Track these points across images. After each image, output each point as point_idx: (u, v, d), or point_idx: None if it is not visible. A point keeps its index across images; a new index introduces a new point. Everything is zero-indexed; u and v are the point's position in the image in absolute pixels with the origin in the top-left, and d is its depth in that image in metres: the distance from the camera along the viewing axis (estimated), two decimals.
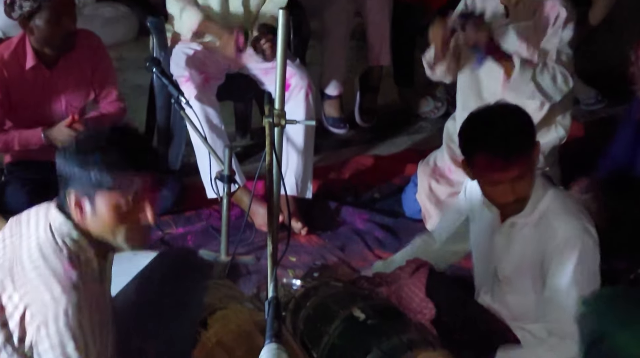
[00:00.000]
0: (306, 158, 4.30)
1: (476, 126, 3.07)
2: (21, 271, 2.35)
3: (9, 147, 3.93)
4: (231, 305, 2.99)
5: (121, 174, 2.38)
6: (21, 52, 3.88)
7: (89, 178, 2.36)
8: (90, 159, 2.36)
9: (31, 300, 2.30)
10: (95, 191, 2.37)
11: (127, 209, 2.41)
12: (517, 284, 3.13)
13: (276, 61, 2.68)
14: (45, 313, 2.28)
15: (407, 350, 2.86)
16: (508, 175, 2.96)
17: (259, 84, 4.48)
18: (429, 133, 5.24)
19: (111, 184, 2.37)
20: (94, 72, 4.07)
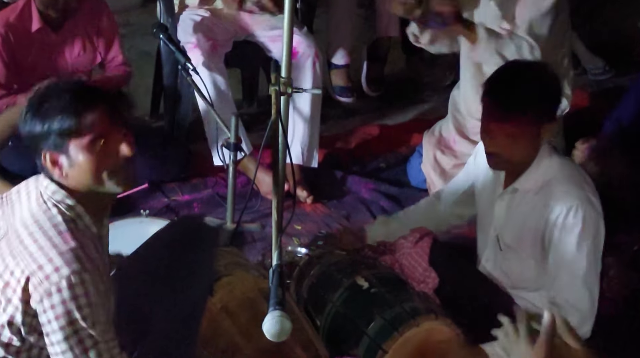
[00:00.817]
0: (312, 126, 4.30)
1: (501, 71, 3.10)
2: (19, 244, 2.33)
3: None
4: (236, 272, 3.00)
5: (81, 113, 2.37)
6: (27, 14, 3.88)
7: (54, 130, 2.35)
8: (50, 111, 2.36)
9: (32, 271, 2.28)
10: (65, 142, 2.36)
11: (102, 148, 2.39)
12: (518, 252, 3.14)
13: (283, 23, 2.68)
14: (47, 284, 2.26)
15: (410, 318, 2.87)
16: (503, 128, 2.97)
17: (266, 51, 4.47)
18: (436, 103, 5.23)
19: (75, 127, 2.35)
20: (99, 36, 4.07)
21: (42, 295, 2.27)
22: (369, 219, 4.14)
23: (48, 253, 2.29)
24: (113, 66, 4.13)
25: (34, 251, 2.31)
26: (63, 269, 2.27)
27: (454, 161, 4.19)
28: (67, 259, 2.28)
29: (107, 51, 4.11)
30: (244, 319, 2.85)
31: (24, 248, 2.32)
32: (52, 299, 2.27)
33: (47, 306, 2.27)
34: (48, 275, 2.27)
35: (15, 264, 2.32)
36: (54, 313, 2.28)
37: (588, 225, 2.97)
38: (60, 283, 2.26)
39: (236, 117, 3.79)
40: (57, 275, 2.27)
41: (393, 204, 4.26)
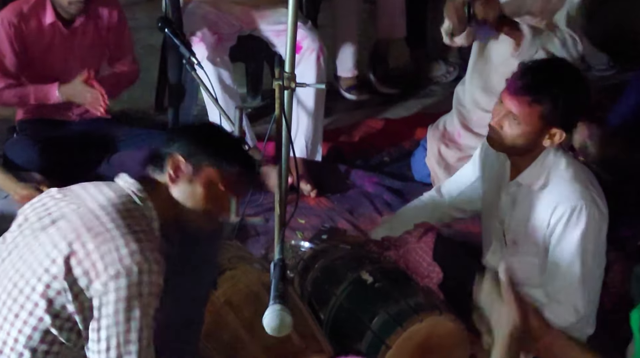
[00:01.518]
0: (316, 120, 4.30)
1: (553, 60, 3.17)
2: (96, 221, 2.34)
3: (25, 101, 3.94)
4: (240, 266, 3.01)
5: (236, 165, 2.51)
6: (41, 7, 3.88)
7: (210, 152, 2.47)
8: (221, 142, 2.52)
9: (108, 250, 2.28)
10: (204, 164, 2.46)
11: (219, 194, 2.50)
12: (521, 248, 3.14)
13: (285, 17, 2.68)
14: (119, 265, 2.26)
15: (414, 313, 2.88)
16: (513, 103, 2.97)
17: (270, 45, 4.47)
18: (440, 97, 5.23)
19: (225, 167, 2.48)
20: (109, 32, 4.07)
21: (112, 275, 2.27)
22: (372, 213, 4.15)
23: (125, 237, 2.31)
24: (121, 63, 4.14)
25: (111, 230, 2.32)
26: (137, 255, 2.29)
27: (459, 155, 4.19)
28: (142, 247, 2.31)
29: (116, 48, 4.11)
30: (248, 313, 2.86)
31: (101, 224, 2.33)
32: (119, 281, 2.27)
33: (112, 287, 2.27)
34: (122, 257, 2.28)
35: (90, 237, 2.31)
36: (116, 295, 2.27)
37: (591, 225, 2.96)
38: (132, 268, 2.27)
39: (240, 111, 3.78)
40: (130, 258, 2.28)
41: (397, 198, 4.26)
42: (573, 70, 3.06)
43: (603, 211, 2.99)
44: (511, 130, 3.01)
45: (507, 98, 3.01)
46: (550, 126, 2.98)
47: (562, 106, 2.95)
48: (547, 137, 3.00)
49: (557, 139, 3.01)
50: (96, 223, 2.33)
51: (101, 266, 2.28)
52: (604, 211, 2.99)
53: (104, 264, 2.28)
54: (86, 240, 2.31)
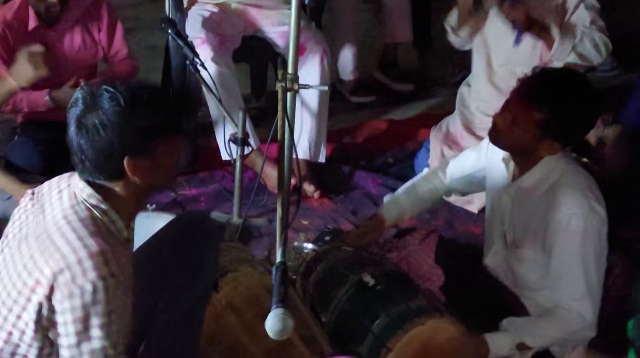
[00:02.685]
0: (320, 122, 4.31)
1: (568, 70, 3.18)
2: (50, 243, 2.29)
3: (19, 109, 3.92)
4: (242, 268, 3.01)
5: (170, 112, 2.38)
6: (24, 13, 3.86)
7: (150, 131, 2.30)
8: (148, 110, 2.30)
9: (60, 270, 2.23)
10: (153, 144, 2.32)
11: (179, 153, 2.44)
12: (522, 252, 3.13)
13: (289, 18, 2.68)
14: (72, 286, 2.22)
15: (415, 316, 2.87)
16: (515, 103, 2.98)
17: (274, 47, 4.47)
18: (444, 98, 5.23)
19: (168, 126, 2.36)
20: (99, 29, 4.05)
21: (65, 295, 2.23)
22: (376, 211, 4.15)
23: (78, 253, 2.24)
24: (118, 59, 4.11)
25: (62, 248, 2.26)
26: (90, 273, 2.22)
27: None
28: (96, 262, 2.23)
29: (109, 45, 4.09)
30: (249, 315, 2.86)
31: (54, 246, 2.28)
32: (74, 301, 2.23)
33: (67, 307, 2.24)
34: (74, 276, 2.22)
35: (44, 262, 2.26)
36: (73, 316, 2.24)
37: (590, 231, 2.94)
38: (85, 287, 2.22)
39: (243, 112, 3.80)
40: (83, 277, 2.22)
41: None
42: (586, 88, 3.01)
43: (601, 218, 2.97)
44: (510, 130, 3.01)
45: (514, 98, 3.02)
46: (547, 137, 2.97)
47: (561, 121, 2.94)
48: (544, 147, 3.00)
49: (553, 151, 3.01)
50: (49, 246, 2.28)
51: (56, 287, 2.24)
52: (603, 217, 2.97)
53: (58, 285, 2.24)
54: (42, 265, 2.27)
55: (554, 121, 2.93)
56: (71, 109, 2.32)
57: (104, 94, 2.28)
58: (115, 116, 2.26)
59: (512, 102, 3.01)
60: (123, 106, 2.26)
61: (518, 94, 3.00)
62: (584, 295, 2.95)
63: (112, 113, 2.26)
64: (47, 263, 2.26)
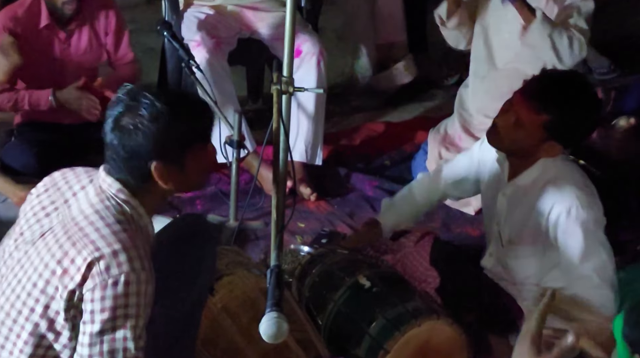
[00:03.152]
0: (317, 124, 4.30)
1: (571, 73, 3.16)
2: (79, 232, 2.32)
3: (20, 106, 3.92)
4: (238, 271, 3.00)
5: (203, 120, 2.43)
6: (36, 10, 3.88)
7: (182, 140, 2.36)
8: (182, 119, 2.35)
9: (95, 259, 2.25)
10: (187, 152, 2.38)
11: (206, 159, 2.47)
12: (519, 249, 3.13)
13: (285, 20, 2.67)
14: (106, 275, 2.25)
15: (412, 318, 2.88)
16: (517, 104, 2.98)
17: (270, 49, 4.46)
18: (441, 101, 5.23)
19: (201, 133, 2.41)
20: (107, 33, 4.07)
21: (97, 284, 2.25)
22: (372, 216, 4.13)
23: (113, 246, 2.28)
24: (122, 63, 4.13)
25: (97, 240, 2.29)
26: (125, 265, 2.26)
27: None
28: (130, 256, 2.27)
29: (116, 49, 4.11)
30: (245, 319, 2.86)
31: (87, 238, 2.30)
32: (106, 291, 2.25)
33: (98, 296, 2.26)
34: (109, 267, 2.25)
35: (76, 251, 2.28)
36: (102, 305, 2.26)
37: (590, 223, 2.95)
38: (119, 278, 2.25)
39: (239, 114, 3.79)
40: (118, 269, 2.25)
41: None
42: (591, 93, 3.03)
43: (600, 207, 2.99)
44: (513, 132, 3.01)
45: (518, 99, 3.01)
46: (551, 138, 2.97)
47: (567, 122, 2.95)
48: (545, 148, 3.00)
49: (554, 153, 3.01)
50: (81, 236, 2.31)
51: (90, 277, 2.26)
52: (600, 208, 2.99)
53: (91, 274, 2.26)
54: (74, 255, 2.29)
55: (561, 123, 2.94)
56: (111, 108, 2.37)
57: (144, 99, 2.33)
58: (152, 122, 2.32)
59: (515, 104, 3.01)
60: (161, 114, 2.32)
61: (522, 95, 3.00)
62: (599, 283, 2.92)
63: (149, 119, 2.32)
64: (79, 252, 2.28)
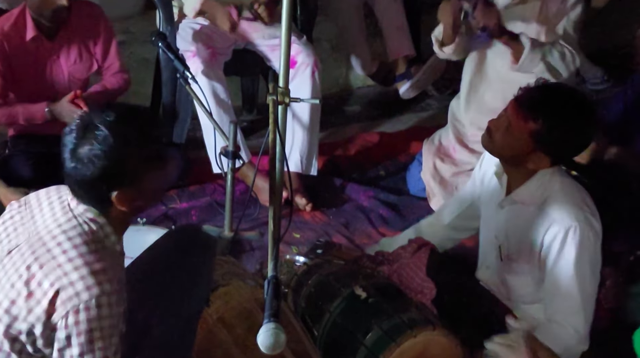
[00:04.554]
0: (312, 135, 4.30)
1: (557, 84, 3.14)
2: (47, 253, 2.32)
3: (14, 121, 3.91)
4: (233, 282, 3.00)
5: (161, 146, 2.43)
6: (22, 23, 3.85)
7: (137, 167, 2.35)
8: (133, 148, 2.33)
9: (63, 286, 2.27)
10: (144, 174, 2.37)
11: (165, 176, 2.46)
12: (517, 265, 3.13)
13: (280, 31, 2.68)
14: (77, 301, 2.26)
15: (408, 329, 2.87)
16: (511, 111, 2.99)
17: (265, 60, 4.47)
18: (435, 111, 5.25)
19: (158, 156, 2.40)
20: (95, 43, 4.04)
21: (69, 310, 2.26)
22: (368, 227, 4.14)
23: (81, 270, 2.29)
24: (110, 73, 4.10)
25: (64, 264, 2.30)
26: (94, 289, 2.27)
27: (454, 170, 4.20)
28: (99, 280, 2.28)
29: (104, 58, 4.08)
30: (241, 330, 2.85)
31: (53, 259, 2.31)
32: (79, 316, 2.27)
33: (71, 322, 2.27)
34: (79, 292, 2.26)
35: (43, 275, 2.30)
36: (77, 330, 2.28)
37: (585, 246, 2.95)
38: (90, 303, 2.26)
39: (234, 125, 3.79)
40: (88, 293, 2.26)
41: (392, 212, 4.27)
42: (585, 108, 3.02)
43: (597, 231, 2.98)
44: (503, 137, 3.03)
45: (510, 106, 3.03)
46: (539, 149, 2.98)
47: (555, 135, 2.94)
48: (532, 159, 3.00)
49: (542, 165, 3.01)
50: (48, 259, 2.32)
51: (59, 303, 2.27)
52: (598, 231, 2.98)
53: (61, 300, 2.27)
54: (40, 278, 2.30)
55: (548, 134, 2.94)
56: (67, 136, 2.36)
57: (97, 130, 2.32)
58: (106, 155, 2.31)
59: (509, 109, 3.03)
60: (114, 147, 2.31)
61: (516, 102, 3.01)
62: (579, 308, 2.95)
63: (104, 152, 2.30)
64: (46, 276, 2.29)
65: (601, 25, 5.48)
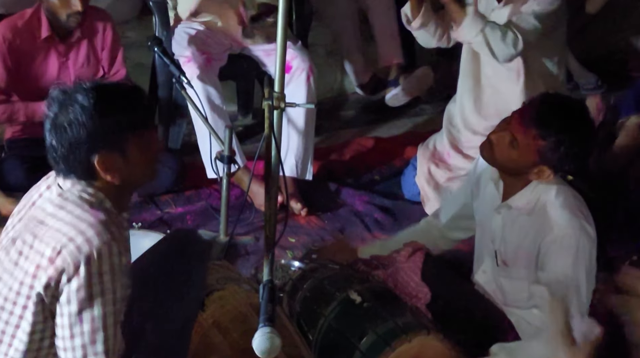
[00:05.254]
0: (307, 139, 4.31)
1: (576, 101, 3.10)
2: (46, 228, 2.32)
3: (15, 118, 3.93)
4: (228, 287, 3.00)
5: (139, 108, 2.41)
6: (36, 22, 3.89)
7: (118, 128, 2.33)
8: (114, 108, 2.33)
9: (63, 244, 2.27)
10: (127, 140, 2.36)
11: (153, 148, 2.46)
12: (512, 270, 3.14)
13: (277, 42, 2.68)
14: (78, 254, 2.25)
15: (402, 333, 2.87)
16: (517, 126, 2.98)
17: (260, 65, 4.48)
18: (430, 116, 5.26)
19: (139, 121, 2.39)
20: (103, 49, 4.08)
21: (71, 264, 2.26)
22: (363, 231, 4.15)
23: (78, 226, 2.29)
24: (115, 80, 4.13)
25: (61, 227, 2.30)
26: (94, 240, 2.27)
27: (448, 175, 4.21)
28: (97, 230, 2.28)
29: (111, 65, 4.12)
30: (236, 335, 2.85)
31: (52, 229, 2.31)
32: (80, 270, 2.26)
33: (72, 275, 2.26)
34: (79, 245, 2.26)
35: (45, 245, 2.30)
36: (77, 283, 2.27)
37: (580, 252, 2.95)
38: (91, 254, 2.26)
39: (230, 130, 3.79)
40: (88, 246, 2.26)
41: (387, 216, 4.27)
42: (589, 122, 3.04)
43: (592, 237, 2.98)
44: (507, 151, 3.02)
45: (515, 121, 3.01)
46: (544, 163, 2.99)
47: (563, 151, 2.95)
48: (535, 171, 3.01)
49: (543, 177, 3.02)
50: (44, 230, 2.32)
51: (60, 262, 2.27)
52: (593, 237, 2.98)
53: (63, 258, 2.26)
54: (43, 249, 2.30)
55: (556, 150, 2.95)
56: (48, 108, 2.37)
57: (77, 94, 2.32)
58: (84, 113, 2.30)
59: (513, 124, 3.01)
60: (91, 103, 2.30)
61: (521, 118, 3.00)
62: (575, 313, 2.95)
63: (81, 111, 2.30)
64: (47, 244, 2.30)
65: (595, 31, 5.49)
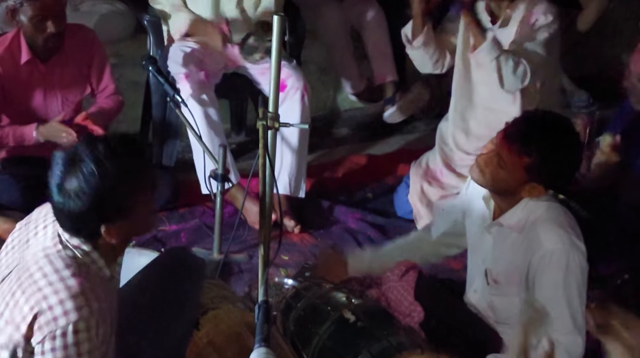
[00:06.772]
0: (300, 158, 4.31)
1: (558, 117, 3.09)
2: (29, 279, 2.32)
3: (4, 143, 3.91)
4: (223, 306, 3.01)
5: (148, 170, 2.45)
6: (16, 47, 3.88)
7: (125, 197, 2.34)
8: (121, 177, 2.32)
9: (41, 310, 2.27)
10: (133, 205, 2.37)
11: (151, 206, 2.49)
12: (504, 288, 3.14)
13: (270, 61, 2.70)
14: (54, 326, 2.25)
15: (396, 352, 2.88)
16: (503, 146, 2.99)
17: (255, 84, 4.48)
18: (423, 133, 5.27)
19: (145, 183, 2.41)
20: (90, 66, 4.06)
21: (46, 335, 2.26)
22: (355, 249, 4.15)
23: (59, 294, 2.27)
24: (105, 95, 4.12)
25: (44, 288, 2.29)
26: (72, 314, 2.26)
27: (441, 193, 4.22)
28: (77, 304, 2.27)
29: (98, 81, 4.10)
30: (231, 354, 2.86)
31: (34, 283, 2.30)
32: (55, 342, 2.26)
33: (48, 348, 2.26)
34: (56, 317, 2.25)
35: (24, 300, 2.29)
36: (53, 356, 2.27)
37: (571, 269, 2.96)
38: (67, 328, 2.25)
39: (224, 148, 3.80)
40: (65, 319, 2.25)
41: (380, 234, 4.28)
42: (574, 137, 3.05)
43: (582, 252, 2.99)
44: (495, 172, 3.03)
45: (500, 140, 3.03)
46: (533, 180, 3.00)
47: (549, 166, 2.97)
48: (527, 188, 3.02)
49: (536, 194, 3.03)
50: (29, 283, 2.31)
51: (36, 327, 2.27)
52: (584, 252, 3.00)
53: (39, 325, 2.27)
54: (22, 303, 2.30)
55: (543, 166, 2.97)
56: (53, 166, 2.35)
57: (83, 162, 2.30)
58: (93, 188, 2.30)
59: (499, 144, 3.03)
60: (98, 179, 2.29)
61: (505, 137, 3.01)
62: (572, 329, 2.96)
63: (90, 185, 2.29)
64: (27, 301, 2.29)
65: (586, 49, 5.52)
